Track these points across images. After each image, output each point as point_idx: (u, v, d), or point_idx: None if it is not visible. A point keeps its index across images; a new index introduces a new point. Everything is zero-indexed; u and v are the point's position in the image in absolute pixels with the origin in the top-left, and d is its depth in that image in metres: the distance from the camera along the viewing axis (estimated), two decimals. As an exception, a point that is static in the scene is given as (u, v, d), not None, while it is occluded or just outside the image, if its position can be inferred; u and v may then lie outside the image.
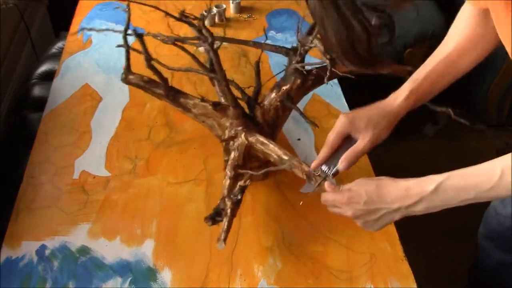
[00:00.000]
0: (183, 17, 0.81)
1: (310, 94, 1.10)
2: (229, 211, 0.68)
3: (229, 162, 0.77)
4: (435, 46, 0.81)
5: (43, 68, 1.37)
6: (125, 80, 0.84)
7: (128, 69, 0.84)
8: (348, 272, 0.76)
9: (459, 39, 0.75)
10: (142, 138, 0.98)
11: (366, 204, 0.66)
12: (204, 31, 0.75)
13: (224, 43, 1.01)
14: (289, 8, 1.45)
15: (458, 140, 1.89)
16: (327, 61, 0.74)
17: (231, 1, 1.40)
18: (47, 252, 0.77)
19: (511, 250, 1.08)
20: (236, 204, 0.70)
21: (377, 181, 0.68)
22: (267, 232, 0.81)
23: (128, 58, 0.84)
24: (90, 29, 0.98)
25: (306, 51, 0.83)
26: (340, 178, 0.92)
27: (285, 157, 0.75)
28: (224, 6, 1.36)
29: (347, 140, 0.76)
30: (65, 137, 0.98)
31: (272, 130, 0.84)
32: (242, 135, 0.79)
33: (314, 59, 1.04)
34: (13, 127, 1.19)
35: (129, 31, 0.83)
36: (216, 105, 0.80)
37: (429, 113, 0.83)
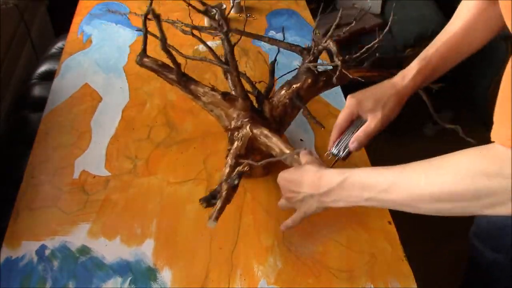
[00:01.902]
0: (202, 5, 0.80)
1: (310, 94, 1.11)
2: (224, 193, 0.69)
3: (231, 151, 0.77)
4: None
5: (43, 68, 1.37)
6: (140, 62, 0.85)
7: (144, 51, 0.84)
8: (348, 272, 0.76)
9: (465, 18, 0.75)
10: (142, 138, 0.98)
11: (290, 185, 0.69)
12: (221, 22, 0.74)
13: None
14: (289, 8, 1.45)
15: (458, 141, 1.89)
16: (339, 62, 0.74)
17: (231, 1, 1.40)
18: (47, 252, 0.77)
19: (503, 249, 1.07)
20: (233, 189, 0.70)
21: (308, 165, 0.69)
22: (267, 231, 0.81)
23: (145, 41, 0.83)
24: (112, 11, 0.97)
25: (320, 51, 0.82)
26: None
27: (287, 151, 0.75)
28: (224, 5, 1.36)
29: (356, 121, 0.76)
30: (65, 137, 0.98)
31: (278, 126, 0.84)
32: (247, 126, 0.79)
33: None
34: (13, 127, 1.19)
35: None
36: (225, 95, 0.80)
37: (429, 114, 0.83)
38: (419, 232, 1.50)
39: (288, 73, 0.90)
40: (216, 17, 0.70)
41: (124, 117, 1.03)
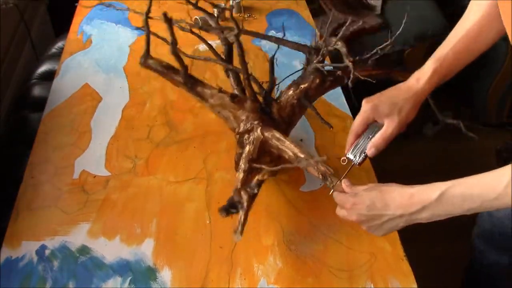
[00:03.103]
0: (212, 6, 0.80)
1: (310, 93, 1.11)
2: (245, 204, 0.67)
3: (244, 155, 0.77)
4: (435, 46, 0.81)
5: (43, 68, 1.37)
6: (144, 64, 0.83)
7: (147, 53, 0.82)
8: (348, 271, 0.76)
9: (478, 15, 0.74)
10: (142, 137, 0.98)
11: (369, 209, 0.66)
12: (231, 23, 0.74)
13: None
14: (289, 8, 1.45)
15: (458, 140, 1.89)
16: (350, 63, 0.73)
17: (231, 1, 1.40)
18: (47, 252, 0.77)
19: (507, 250, 1.08)
20: (252, 198, 0.69)
21: (383, 187, 0.67)
22: (267, 231, 0.81)
23: (148, 42, 0.82)
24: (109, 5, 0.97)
25: (329, 52, 0.82)
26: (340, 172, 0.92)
27: (302, 155, 0.74)
28: (223, 5, 1.36)
29: (372, 125, 0.76)
30: (65, 137, 0.98)
31: (286, 127, 0.84)
32: (258, 130, 0.78)
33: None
34: (13, 127, 1.19)
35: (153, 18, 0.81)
36: (234, 97, 0.80)
37: (429, 114, 0.83)
38: (419, 232, 1.50)
39: (292, 74, 0.89)
40: (217, 17, 0.70)
41: (124, 117, 1.03)
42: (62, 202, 0.85)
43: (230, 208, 0.68)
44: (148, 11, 0.80)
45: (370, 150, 0.75)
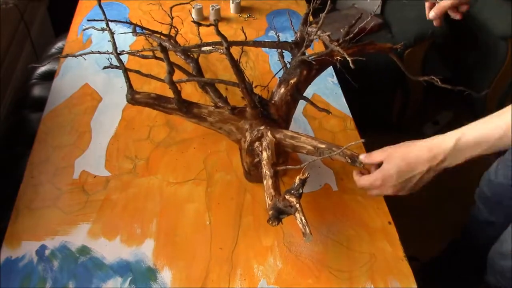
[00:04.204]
0: (196, 24, 0.80)
1: (311, 93, 1.11)
2: (297, 206, 0.67)
3: (265, 162, 0.76)
4: (435, 46, 0.81)
5: (43, 68, 1.37)
6: (132, 100, 0.80)
7: (131, 88, 0.80)
8: (348, 272, 0.76)
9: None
10: (142, 137, 0.98)
11: (399, 177, 0.70)
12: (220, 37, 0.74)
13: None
14: (289, 8, 1.45)
15: (458, 140, 1.89)
16: (337, 48, 0.74)
17: (231, 1, 1.40)
18: (47, 252, 0.77)
19: (495, 213, 1.25)
20: (299, 198, 0.69)
21: (398, 148, 0.71)
22: (267, 231, 0.81)
23: (127, 77, 0.80)
24: (90, 28, 0.97)
25: (311, 41, 0.83)
26: (339, 172, 0.92)
27: (323, 146, 0.73)
28: (218, 6, 1.36)
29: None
30: (65, 137, 0.98)
31: (286, 124, 0.85)
32: (268, 133, 0.78)
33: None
34: (13, 127, 1.19)
35: (160, 41, 0.80)
36: (233, 109, 0.79)
37: (429, 113, 0.83)
38: (419, 232, 1.50)
39: (280, 70, 0.90)
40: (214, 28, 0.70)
41: (124, 117, 1.03)
42: (62, 202, 0.85)
43: (279, 215, 0.68)
44: (117, 51, 0.79)
45: (435, 22, 0.90)
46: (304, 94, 0.86)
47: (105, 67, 0.86)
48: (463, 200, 1.42)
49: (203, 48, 0.89)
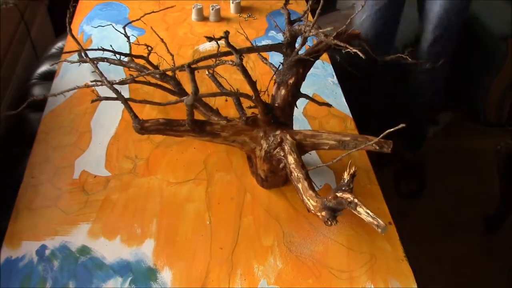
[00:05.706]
0: (208, 39, 0.78)
1: (311, 93, 1.11)
2: (356, 200, 0.66)
3: (293, 166, 0.75)
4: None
5: (43, 68, 1.37)
6: (142, 130, 0.78)
7: (136, 117, 0.78)
8: (348, 272, 0.76)
9: None
10: (142, 137, 0.98)
11: None
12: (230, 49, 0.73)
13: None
14: (289, 8, 1.45)
15: (458, 140, 1.89)
16: (333, 41, 0.74)
17: (231, 1, 1.40)
18: (47, 252, 0.77)
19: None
20: (351, 191, 0.67)
21: None
22: (267, 231, 0.81)
23: (130, 108, 0.77)
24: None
25: (306, 39, 0.82)
26: (339, 172, 0.92)
27: (347, 138, 0.72)
28: (218, 6, 1.36)
29: None
30: (65, 137, 0.98)
31: (292, 124, 0.86)
32: (287, 136, 0.78)
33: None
34: (13, 127, 1.19)
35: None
36: (247, 119, 0.79)
37: (429, 114, 0.83)
38: (419, 232, 1.50)
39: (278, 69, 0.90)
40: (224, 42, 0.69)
41: (124, 117, 1.03)
42: (62, 202, 0.85)
43: (334, 212, 0.67)
44: (113, 82, 0.78)
45: None
46: (304, 95, 0.86)
47: (93, 101, 0.79)
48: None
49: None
